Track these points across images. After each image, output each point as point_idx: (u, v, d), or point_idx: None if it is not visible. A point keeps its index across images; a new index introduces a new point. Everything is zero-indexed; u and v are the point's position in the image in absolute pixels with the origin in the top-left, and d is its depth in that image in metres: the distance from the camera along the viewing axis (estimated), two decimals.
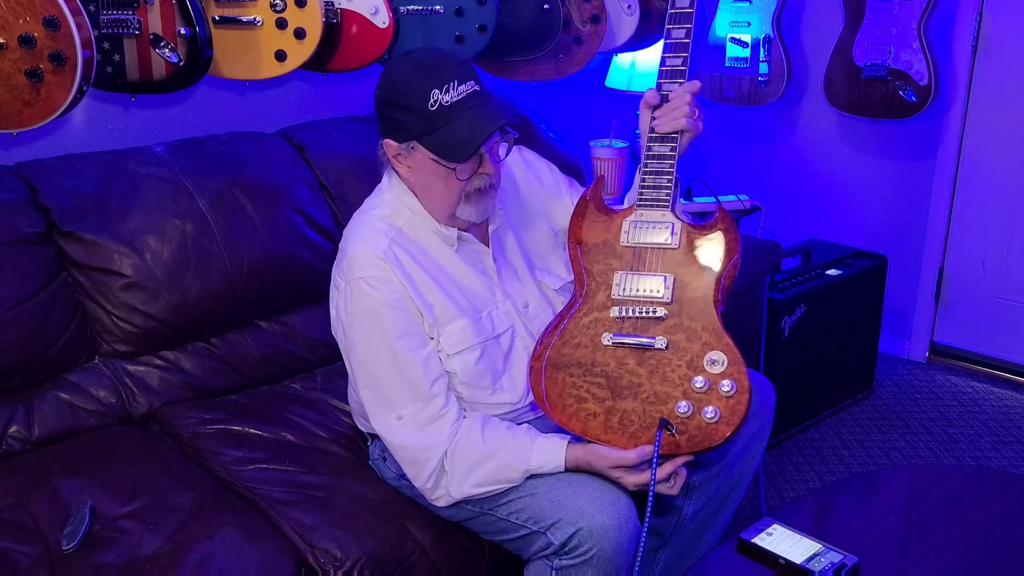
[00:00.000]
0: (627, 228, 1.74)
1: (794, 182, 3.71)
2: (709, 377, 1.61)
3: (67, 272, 2.06)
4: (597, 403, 1.65)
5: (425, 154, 1.68)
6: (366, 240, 1.73)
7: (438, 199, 1.73)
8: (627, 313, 1.68)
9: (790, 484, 2.77)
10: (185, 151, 2.27)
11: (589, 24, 2.70)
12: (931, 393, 3.31)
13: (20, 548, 1.62)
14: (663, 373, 1.63)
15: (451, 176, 1.68)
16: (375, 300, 1.69)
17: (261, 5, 2.11)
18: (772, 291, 2.80)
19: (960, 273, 3.42)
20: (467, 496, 1.69)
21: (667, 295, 1.67)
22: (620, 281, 1.71)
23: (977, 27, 3.17)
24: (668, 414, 1.60)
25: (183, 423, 2.05)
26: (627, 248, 1.73)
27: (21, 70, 1.75)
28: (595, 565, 1.60)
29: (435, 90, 1.62)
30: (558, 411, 1.67)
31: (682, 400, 1.61)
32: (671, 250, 1.71)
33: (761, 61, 3.27)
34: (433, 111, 1.62)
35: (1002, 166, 3.25)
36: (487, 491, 1.68)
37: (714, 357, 1.62)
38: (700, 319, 1.65)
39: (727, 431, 1.59)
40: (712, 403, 1.60)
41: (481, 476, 1.67)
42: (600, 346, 1.67)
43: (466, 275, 1.80)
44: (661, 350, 1.64)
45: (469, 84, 1.65)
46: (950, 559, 1.62)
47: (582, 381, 1.67)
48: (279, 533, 1.74)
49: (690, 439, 1.60)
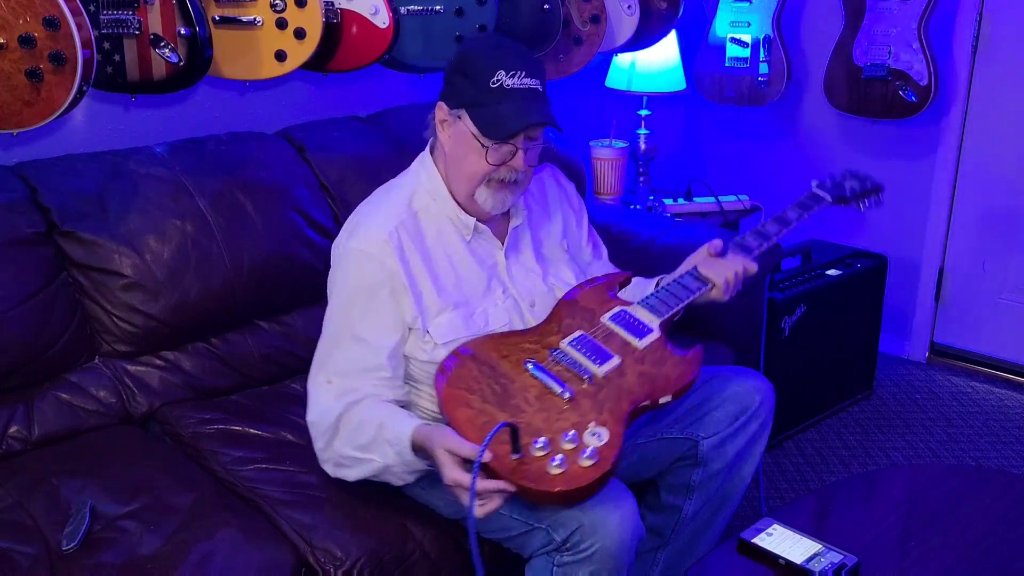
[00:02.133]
0: (615, 313, 1.81)
1: (794, 182, 3.71)
2: (582, 440, 1.57)
3: (67, 272, 2.06)
4: (480, 402, 1.63)
5: (468, 126, 1.72)
6: (378, 215, 1.78)
7: (463, 175, 1.76)
8: (561, 359, 1.71)
9: (790, 484, 2.77)
10: (185, 151, 2.27)
11: (589, 24, 2.70)
12: (931, 393, 3.31)
13: (20, 548, 1.62)
14: (549, 414, 1.62)
15: (482, 157, 1.72)
16: (358, 276, 1.74)
17: (261, 5, 2.11)
18: (772, 291, 2.80)
19: (960, 273, 3.42)
20: (342, 455, 1.71)
21: (604, 371, 1.69)
22: (578, 340, 1.75)
23: (977, 27, 3.17)
24: (526, 444, 1.55)
25: (183, 423, 2.05)
26: (603, 324, 1.79)
27: (21, 70, 1.75)
28: (596, 561, 1.60)
29: (502, 71, 1.68)
30: (448, 384, 1.66)
31: (541, 438, 1.55)
32: (634, 346, 1.75)
33: (761, 61, 3.27)
34: (492, 88, 1.68)
35: (1002, 166, 3.25)
36: (355, 453, 1.69)
37: (599, 432, 1.58)
38: (611, 404, 1.64)
39: (557, 486, 1.50)
40: (564, 456, 1.53)
41: (351, 432, 1.69)
42: (519, 367, 1.69)
43: (470, 268, 1.81)
44: (563, 398, 1.64)
45: (534, 81, 1.72)
46: (950, 559, 1.62)
47: (483, 380, 1.67)
48: (279, 533, 1.74)
49: (522, 471, 1.51)
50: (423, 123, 1.84)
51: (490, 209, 1.79)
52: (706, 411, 1.91)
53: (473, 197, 1.77)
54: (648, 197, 3.38)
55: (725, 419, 1.90)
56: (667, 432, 1.93)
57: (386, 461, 1.67)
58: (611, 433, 1.58)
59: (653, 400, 1.68)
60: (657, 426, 1.94)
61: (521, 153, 1.73)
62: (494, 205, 1.78)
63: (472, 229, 1.81)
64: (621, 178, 3.32)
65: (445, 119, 1.77)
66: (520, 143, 1.72)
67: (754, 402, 1.90)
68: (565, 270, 1.95)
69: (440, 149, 1.81)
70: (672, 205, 3.22)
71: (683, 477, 1.94)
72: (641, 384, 1.69)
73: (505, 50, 1.74)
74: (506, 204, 1.80)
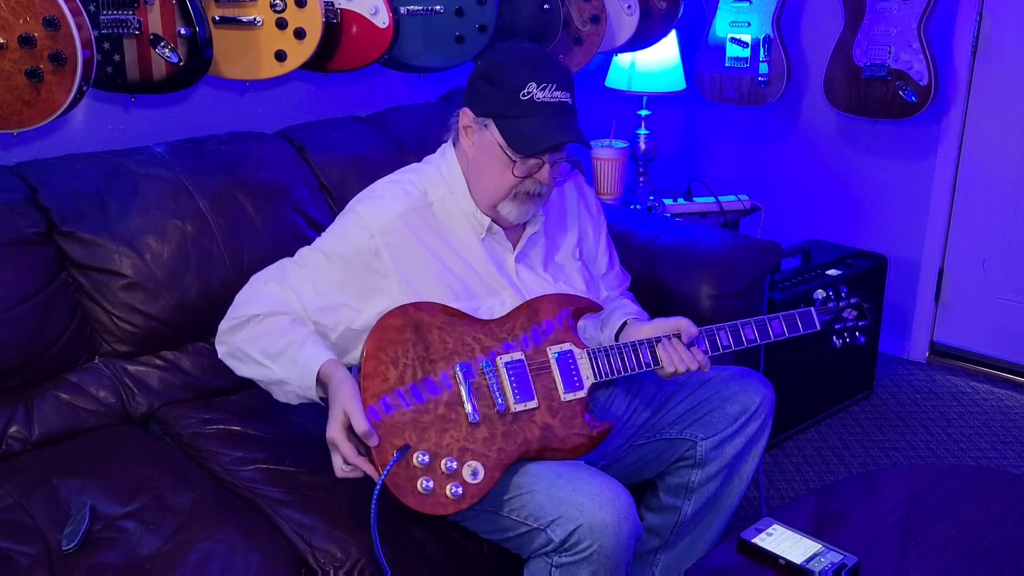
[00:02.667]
0: (562, 352, 1.76)
1: (794, 182, 3.72)
2: (459, 472, 1.62)
3: (67, 272, 2.06)
4: (396, 378, 1.64)
5: (495, 136, 1.71)
6: (396, 192, 1.79)
7: (488, 186, 1.76)
8: (489, 376, 1.69)
9: (790, 484, 2.77)
10: (185, 151, 2.27)
11: (589, 24, 2.70)
12: (931, 393, 3.31)
13: (20, 548, 1.62)
14: (446, 428, 1.64)
15: (508, 169, 1.72)
16: (349, 238, 1.74)
17: (261, 5, 2.11)
18: (772, 291, 2.80)
19: (960, 273, 3.42)
20: (240, 350, 1.72)
21: (516, 409, 1.69)
22: (514, 364, 1.72)
23: (977, 27, 3.17)
24: (412, 452, 1.60)
25: (183, 423, 2.05)
26: (545, 357, 1.75)
27: (21, 70, 1.75)
28: (595, 562, 1.60)
29: (533, 83, 1.67)
30: (379, 345, 1.64)
31: (426, 454, 1.61)
32: (558, 394, 1.73)
33: (761, 61, 3.27)
34: (522, 100, 1.67)
35: (1002, 166, 3.25)
36: (256, 356, 1.70)
37: (478, 471, 1.63)
38: (503, 444, 1.67)
39: (411, 503, 1.59)
40: (435, 481, 1.60)
41: (260, 334, 1.70)
42: (451, 363, 1.68)
43: (481, 264, 1.81)
44: (467, 419, 1.66)
45: (565, 94, 1.70)
46: (950, 559, 1.62)
47: (411, 355, 1.66)
48: (279, 533, 1.74)
49: (393, 471, 1.59)
50: (423, 123, 1.84)
51: (513, 220, 1.79)
52: (706, 411, 1.91)
53: (495, 208, 1.78)
54: (648, 197, 3.38)
55: (725, 420, 1.90)
56: (666, 433, 1.93)
57: (284, 376, 1.67)
58: (487, 477, 1.63)
59: (539, 454, 1.70)
60: (656, 427, 1.94)
61: (548, 167, 1.73)
62: (518, 216, 1.79)
63: (486, 229, 1.81)
64: (621, 178, 3.32)
65: (470, 126, 1.76)
66: (548, 157, 1.72)
67: (754, 403, 1.90)
68: (576, 278, 1.94)
69: (462, 151, 1.81)
70: (672, 205, 3.23)
71: (682, 478, 1.94)
72: (540, 438, 1.70)
73: (537, 61, 1.71)
74: (528, 215, 1.80)
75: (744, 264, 2.49)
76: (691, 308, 2.43)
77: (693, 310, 2.43)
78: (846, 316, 1.96)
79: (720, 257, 2.50)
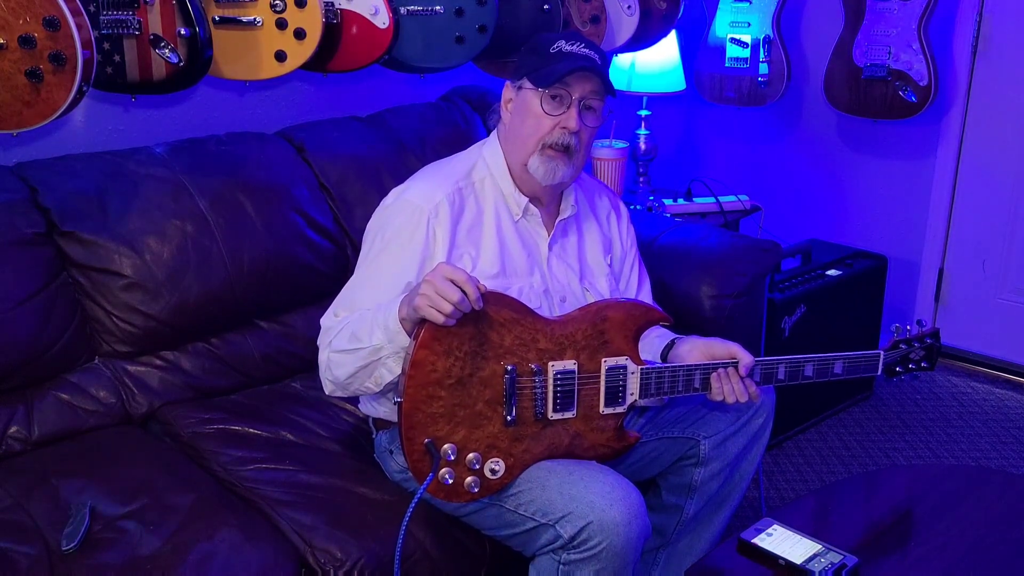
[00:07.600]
0: (616, 364, 1.74)
1: (794, 182, 3.72)
2: (481, 468, 1.66)
3: (67, 272, 2.06)
4: (445, 368, 1.63)
5: (526, 90, 1.80)
6: (439, 176, 1.86)
7: (520, 140, 1.82)
8: (536, 386, 1.69)
9: (790, 484, 2.77)
10: (185, 151, 2.27)
11: (589, 24, 2.70)
12: (931, 393, 3.31)
13: (19, 548, 1.62)
14: (480, 422, 1.66)
15: (539, 110, 1.77)
16: (403, 224, 1.78)
17: (261, 5, 2.11)
18: (772, 291, 2.80)
19: (960, 273, 3.42)
20: (334, 351, 1.72)
21: (554, 418, 1.71)
22: (565, 375, 1.71)
23: (977, 28, 3.17)
24: (442, 442, 1.64)
25: (183, 423, 2.05)
26: (599, 368, 1.73)
27: (21, 70, 1.75)
28: (603, 559, 1.60)
29: (562, 40, 1.80)
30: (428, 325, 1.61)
31: (454, 448, 1.64)
32: (598, 408, 1.74)
33: (761, 61, 3.27)
34: (551, 53, 1.79)
35: (1002, 166, 3.25)
36: (347, 345, 1.70)
37: (499, 468, 1.67)
38: (531, 445, 1.70)
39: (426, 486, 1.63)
40: (456, 474, 1.65)
41: (345, 328, 1.72)
42: (501, 362, 1.67)
43: (515, 246, 1.86)
44: (503, 421, 1.68)
45: (594, 53, 1.80)
46: (950, 559, 1.62)
47: (465, 347, 1.64)
48: (279, 533, 1.74)
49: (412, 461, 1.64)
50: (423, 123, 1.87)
51: (541, 178, 1.81)
52: (707, 411, 1.91)
53: (526, 166, 1.81)
54: (648, 197, 3.38)
55: (726, 419, 1.90)
56: (669, 432, 1.93)
57: (374, 342, 1.66)
58: (506, 474, 1.67)
59: (561, 456, 1.73)
60: (659, 426, 1.94)
61: (575, 112, 1.77)
62: (545, 174, 1.80)
63: (523, 210, 1.86)
64: (621, 178, 3.32)
65: (510, 98, 1.86)
66: (575, 96, 1.76)
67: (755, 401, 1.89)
68: (603, 282, 1.95)
69: (503, 125, 1.89)
70: (672, 205, 3.23)
71: (685, 476, 1.94)
72: (569, 444, 1.73)
73: (572, 33, 1.90)
74: (556, 175, 1.81)
75: (744, 264, 2.49)
76: (691, 308, 2.43)
77: (693, 310, 2.43)
78: (912, 357, 1.90)
79: (720, 257, 2.50)
